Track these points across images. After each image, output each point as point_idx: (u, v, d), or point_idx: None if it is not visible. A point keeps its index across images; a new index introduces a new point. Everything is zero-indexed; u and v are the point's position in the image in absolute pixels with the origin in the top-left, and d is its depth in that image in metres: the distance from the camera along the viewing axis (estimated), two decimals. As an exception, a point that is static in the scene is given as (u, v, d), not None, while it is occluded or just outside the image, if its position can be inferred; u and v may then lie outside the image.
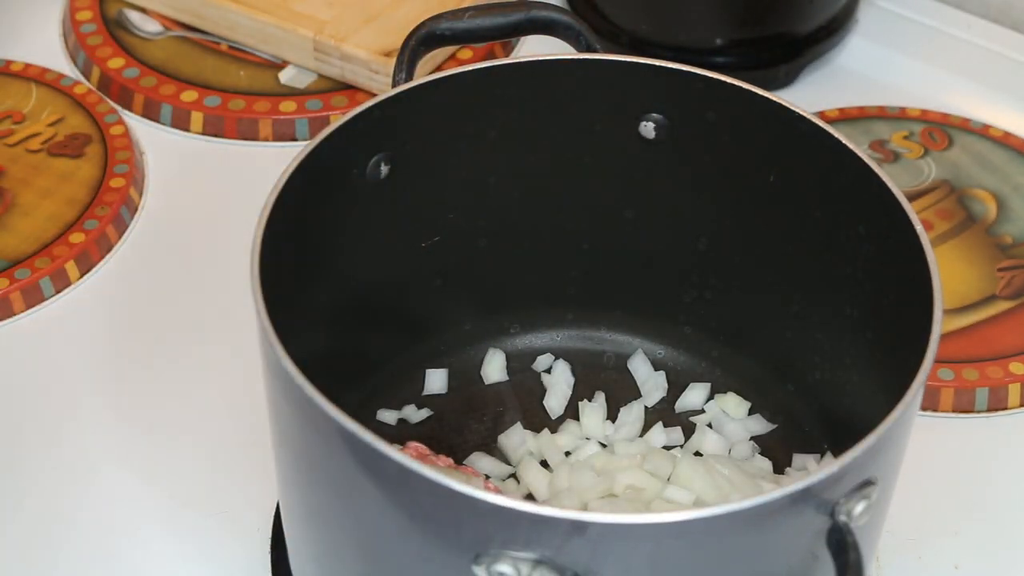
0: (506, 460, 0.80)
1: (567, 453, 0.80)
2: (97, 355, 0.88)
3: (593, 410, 0.81)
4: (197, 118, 1.01)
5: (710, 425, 0.82)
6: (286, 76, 1.04)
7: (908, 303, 0.67)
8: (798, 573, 0.61)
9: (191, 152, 1.01)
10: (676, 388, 0.83)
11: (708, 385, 0.83)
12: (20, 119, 1.00)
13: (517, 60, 0.76)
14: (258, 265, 0.64)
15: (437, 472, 0.57)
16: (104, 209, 0.94)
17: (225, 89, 1.03)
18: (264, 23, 1.04)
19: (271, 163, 0.98)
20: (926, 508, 0.80)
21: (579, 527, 0.56)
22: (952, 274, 0.92)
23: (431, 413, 0.82)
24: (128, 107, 1.03)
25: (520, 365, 0.84)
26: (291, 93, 1.03)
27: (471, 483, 0.57)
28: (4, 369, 0.87)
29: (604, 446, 0.80)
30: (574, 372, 0.84)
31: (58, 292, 0.91)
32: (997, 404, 0.86)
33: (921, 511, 0.80)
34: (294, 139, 1.02)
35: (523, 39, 1.08)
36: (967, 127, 1.02)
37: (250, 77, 1.04)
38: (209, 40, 1.07)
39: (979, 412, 0.86)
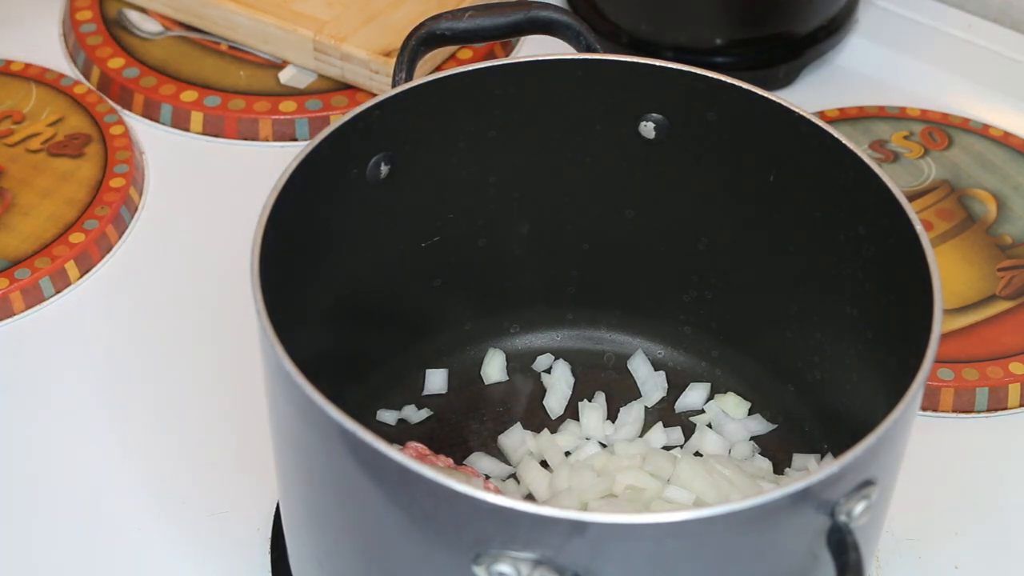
0: (506, 460, 0.80)
1: (567, 453, 0.80)
2: (97, 355, 0.88)
3: (593, 410, 0.81)
4: (197, 118, 1.01)
5: (710, 425, 0.82)
6: (286, 76, 1.04)
7: (908, 303, 0.67)
8: (798, 573, 0.61)
9: (191, 152, 1.01)
10: (676, 388, 0.83)
11: (708, 385, 0.83)
12: (20, 119, 1.00)
13: (517, 60, 0.76)
14: (258, 265, 0.64)
15: (437, 472, 0.57)
16: (104, 209, 0.94)
17: (225, 89, 1.03)
18: (264, 23, 1.04)
19: (271, 163, 0.99)
20: (926, 508, 0.80)
21: (579, 527, 0.56)
22: (952, 274, 0.92)
23: (431, 413, 0.82)
24: (128, 107, 1.03)
25: (520, 365, 0.84)
26: (291, 93, 1.03)
27: (471, 483, 0.57)
28: (4, 369, 0.87)
29: (604, 446, 0.80)
30: (574, 372, 0.84)
31: (58, 292, 0.91)
32: (997, 404, 0.86)
33: (921, 511, 0.80)
34: (294, 139, 1.01)
35: (523, 39, 1.08)
36: (967, 127, 1.02)
37: (250, 77, 1.04)
38: (209, 40, 1.07)
39: (979, 412, 0.86)
